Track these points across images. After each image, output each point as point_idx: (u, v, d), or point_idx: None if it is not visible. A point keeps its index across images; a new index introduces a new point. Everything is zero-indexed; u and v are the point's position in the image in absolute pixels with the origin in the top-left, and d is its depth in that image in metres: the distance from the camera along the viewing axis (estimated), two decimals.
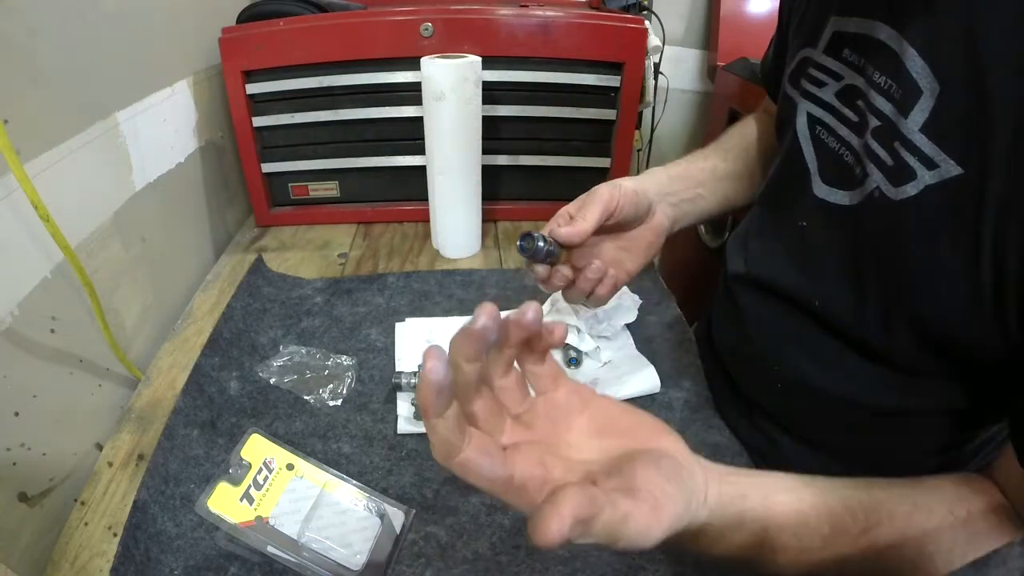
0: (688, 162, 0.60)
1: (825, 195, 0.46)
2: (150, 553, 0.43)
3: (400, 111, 0.81)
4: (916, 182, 0.37)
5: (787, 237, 0.50)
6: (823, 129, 0.47)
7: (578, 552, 0.44)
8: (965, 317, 0.36)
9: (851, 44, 0.44)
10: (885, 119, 0.40)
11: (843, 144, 0.45)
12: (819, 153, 0.47)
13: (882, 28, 0.40)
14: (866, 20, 0.42)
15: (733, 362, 0.58)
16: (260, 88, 0.79)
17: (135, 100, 0.65)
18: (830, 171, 0.46)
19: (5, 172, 0.44)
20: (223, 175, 0.87)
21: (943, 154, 0.36)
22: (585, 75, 0.81)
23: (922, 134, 0.37)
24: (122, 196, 0.62)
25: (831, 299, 0.46)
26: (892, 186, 0.39)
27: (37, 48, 0.50)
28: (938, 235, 0.37)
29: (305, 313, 0.68)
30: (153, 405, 0.57)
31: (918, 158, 0.37)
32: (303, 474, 0.46)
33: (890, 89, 0.39)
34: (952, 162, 0.35)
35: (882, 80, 0.40)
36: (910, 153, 0.37)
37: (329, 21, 0.77)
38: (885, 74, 0.40)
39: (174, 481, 0.48)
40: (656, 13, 1.38)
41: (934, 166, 0.36)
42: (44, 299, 0.50)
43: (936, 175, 0.36)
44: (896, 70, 0.39)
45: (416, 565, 0.43)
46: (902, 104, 0.38)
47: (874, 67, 0.41)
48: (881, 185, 0.40)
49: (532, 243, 0.47)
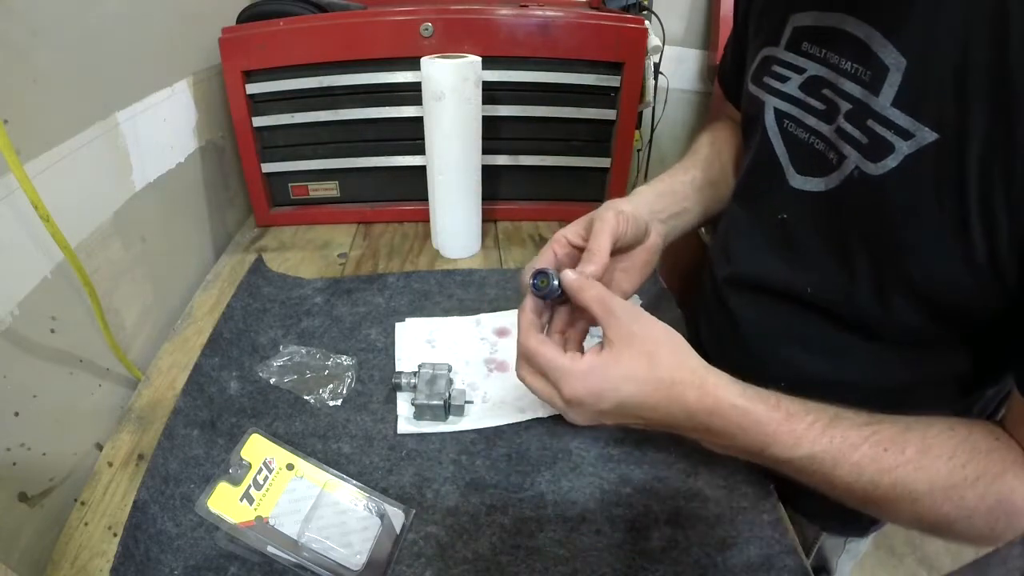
0: (671, 176, 0.60)
1: (801, 184, 0.48)
2: (150, 553, 0.43)
3: (400, 111, 0.81)
4: (895, 154, 0.39)
5: (769, 231, 0.51)
6: (791, 122, 0.49)
7: (578, 552, 0.44)
8: (960, 276, 0.38)
9: (810, 37, 0.46)
10: (856, 101, 0.41)
11: (812, 133, 0.46)
12: (789, 145, 0.49)
13: (841, 17, 0.42)
14: (824, 13, 0.44)
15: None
16: (260, 88, 0.79)
17: (135, 100, 0.65)
18: (803, 161, 0.48)
19: (5, 172, 0.44)
20: (223, 175, 0.87)
21: (918, 123, 0.37)
22: (585, 75, 0.81)
23: (895, 108, 0.38)
24: (122, 196, 0.62)
25: (822, 284, 0.47)
26: (871, 163, 0.40)
27: (37, 48, 0.50)
28: (924, 201, 0.38)
29: (305, 313, 0.68)
30: (153, 405, 0.57)
31: (894, 131, 0.39)
32: (303, 474, 0.47)
33: (857, 72, 0.41)
34: (927, 129, 0.37)
35: (848, 66, 0.42)
36: (885, 128, 0.39)
37: (329, 21, 0.77)
38: (850, 59, 0.42)
39: (174, 481, 0.48)
40: (656, 13, 1.38)
41: (910, 136, 0.38)
42: (44, 299, 0.50)
43: (913, 144, 0.38)
44: (861, 53, 0.41)
45: (416, 565, 0.43)
46: (871, 84, 0.40)
47: (838, 55, 0.43)
48: (860, 164, 0.41)
49: (547, 281, 0.42)
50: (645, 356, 0.39)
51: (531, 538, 0.45)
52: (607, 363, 0.40)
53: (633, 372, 0.39)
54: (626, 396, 0.39)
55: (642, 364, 0.39)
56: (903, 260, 0.40)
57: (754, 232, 0.53)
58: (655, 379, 0.39)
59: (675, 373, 0.39)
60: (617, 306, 0.41)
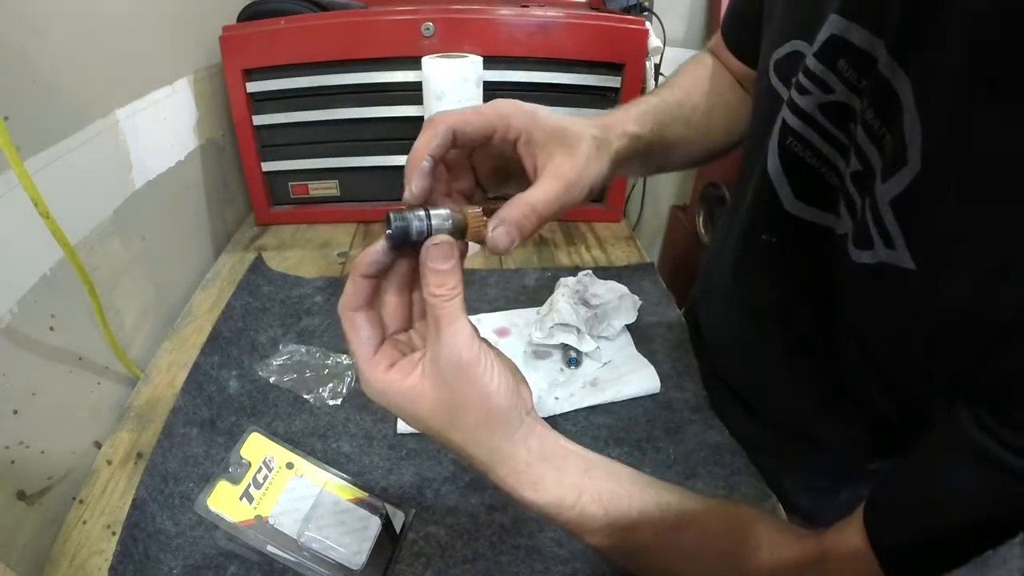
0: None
1: (799, 212, 0.42)
2: (149, 552, 0.43)
3: (401, 110, 0.81)
4: (873, 253, 0.34)
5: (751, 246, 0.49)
6: (796, 141, 0.41)
7: (578, 552, 0.44)
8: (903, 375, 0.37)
9: (850, 57, 0.36)
10: (867, 166, 0.34)
11: (826, 163, 0.39)
12: (787, 165, 0.42)
13: (886, 57, 0.32)
14: (872, 36, 0.34)
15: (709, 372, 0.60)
16: (260, 86, 0.79)
17: (135, 98, 0.65)
18: (803, 187, 0.42)
19: (5, 169, 0.44)
20: (223, 173, 0.87)
21: (902, 240, 0.31)
22: (585, 76, 0.81)
23: (890, 208, 0.32)
24: (122, 194, 0.62)
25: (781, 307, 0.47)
26: (854, 245, 0.36)
27: (37, 46, 0.50)
28: (883, 311, 0.35)
29: (305, 312, 0.68)
30: (152, 403, 0.57)
31: (879, 231, 0.33)
32: (303, 473, 0.46)
33: (882, 138, 0.33)
34: (906, 252, 0.31)
35: (875, 122, 0.34)
36: (874, 222, 0.33)
37: (330, 20, 0.77)
38: (879, 116, 0.33)
39: (173, 480, 0.48)
40: (656, 14, 1.38)
41: (892, 247, 0.32)
42: (44, 297, 0.50)
43: (891, 256, 0.32)
44: (892, 118, 0.32)
45: (416, 565, 0.43)
46: (886, 162, 0.32)
47: (870, 100, 0.34)
48: (849, 234, 0.37)
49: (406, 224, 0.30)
50: (449, 411, 0.31)
51: (531, 538, 0.45)
52: (408, 394, 0.31)
53: (431, 417, 0.31)
54: (420, 422, 0.32)
55: (442, 416, 0.31)
56: (858, 326, 0.39)
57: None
58: (453, 437, 0.32)
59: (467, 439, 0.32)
60: (462, 332, 0.29)
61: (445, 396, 0.30)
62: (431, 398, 0.30)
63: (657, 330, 0.67)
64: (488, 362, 0.30)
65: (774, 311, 0.48)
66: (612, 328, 0.64)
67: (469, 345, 0.29)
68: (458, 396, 0.30)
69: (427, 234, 0.30)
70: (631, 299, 0.66)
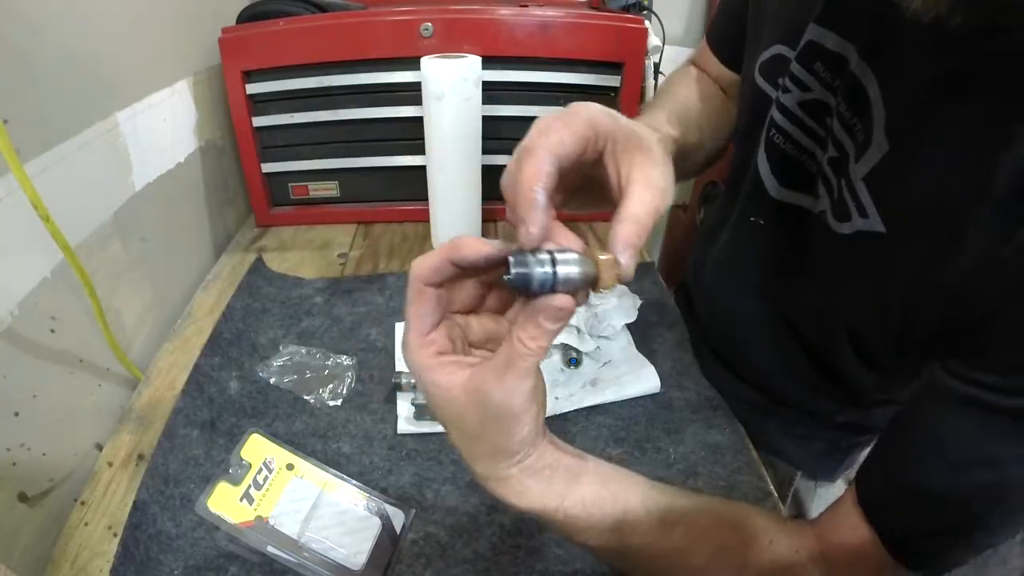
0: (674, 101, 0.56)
1: (781, 197, 0.48)
2: (150, 553, 0.43)
3: (400, 111, 0.81)
4: (851, 223, 0.39)
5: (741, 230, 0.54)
6: (778, 133, 0.47)
7: (578, 553, 0.44)
8: (876, 338, 0.41)
9: (825, 60, 0.41)
10: (842, 152, 0.40)
11: (805, 153, 0.45)
12: (771, 157, 0.48)
13: (857, 60, 0.38)
14: (845, 42, 0.39)
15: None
16: (260, 88, 0.79)
17: (135, 100, 0.65)
18: (786, 175, 0.47)
19: (5, 172, 0.44)
20: (223, 175, 0.87)
21: (874, 208, 0.37)
22: (585, 75, 0.81)
23: (863, 183, 0.37)
24: (122, 196, 0.62)
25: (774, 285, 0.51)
26: (834, 218, 0.40)
27: (37, 48, 0.50)
28: (860, 276, 0.39)
29: (305, 313, 0.68)
30: (153, 405, 0.57)
31: (855, 204, 0.38)
32: (303, 474, 0.46)
33: (854, 127, 0.38)
34: (879, 219, 0.36)
35: (848, 114, 0.39)
36: (851, 196, 0.38)
37: (329, 21, 0.77)
38: (851, 109, 0.39)
39: (174, 481, 0.48)
40: (656, 13, 1.38)
41: (865, 216, 0.37)
42: (44, 299, 0.50)
43: (866, 224, 0.37)
44: (861, 109, 0.37)
45: (416, 565, 0.43)
46: (858, 146, 0.38)
47: (843, 95, 0.40)
48: (828, 211, 0.41)
49: (528, 267, 0.27)
50: (467, 431, 0.30)
51: (531, 538, 0.45)
52: (441, 386, 0.30)
53: (445, 419, 0.31)
54: (436, 409, 0.31)
55: (457, 428, 0.31)
56: (838, 303, 0.43)
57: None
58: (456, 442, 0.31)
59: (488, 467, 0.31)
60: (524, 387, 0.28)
61: (472, 421, 0.29)
62: (459, 412, 0.29)
63: (657, 330, 0.67)
64: (529, 417, 0.29)
65: (760, 286, 0.53)
66: (612, 327, 0.64)
67: (523, 403, 0.28)
68: (485, 431, 0.29)
69: (551, 288, 0.26)
70: (631, 298, 0.66)
